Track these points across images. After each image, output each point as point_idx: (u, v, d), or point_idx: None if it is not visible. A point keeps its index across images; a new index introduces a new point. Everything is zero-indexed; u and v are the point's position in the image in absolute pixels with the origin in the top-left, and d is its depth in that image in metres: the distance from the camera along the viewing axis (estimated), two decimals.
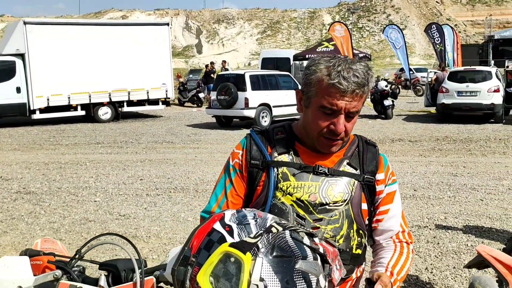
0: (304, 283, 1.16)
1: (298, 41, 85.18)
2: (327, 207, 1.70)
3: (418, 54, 76.16)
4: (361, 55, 28.96)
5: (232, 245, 1.17)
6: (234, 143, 13.42)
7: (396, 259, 1.80)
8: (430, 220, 6.51)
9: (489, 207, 7.05)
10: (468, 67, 20.04)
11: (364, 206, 1.78)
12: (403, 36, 21.18)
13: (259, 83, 16.51)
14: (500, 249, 5.36)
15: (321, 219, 1.68)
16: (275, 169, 1.72)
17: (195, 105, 24.59)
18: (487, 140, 13.04)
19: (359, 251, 1.78)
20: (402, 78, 31.94)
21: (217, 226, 1.24)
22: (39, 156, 11.67)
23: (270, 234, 1.19)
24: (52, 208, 7.32)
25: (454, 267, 4.99)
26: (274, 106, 16.61)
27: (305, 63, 28.85)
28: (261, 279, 1.13)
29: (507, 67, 18.63)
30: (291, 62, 27.25)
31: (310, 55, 27.15)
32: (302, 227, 1.42)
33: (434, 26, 23.93)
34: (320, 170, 1.72)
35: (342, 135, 1.68)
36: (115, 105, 18.51)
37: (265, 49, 62.95)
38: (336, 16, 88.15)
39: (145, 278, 1.34)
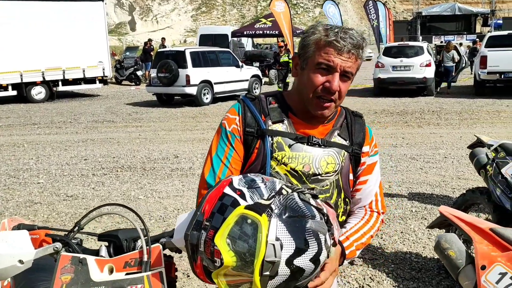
0: (315, 241, 1.22)
1: (234, 18, 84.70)
2: (319, 177, 1.76)
3: None
4: (298, 31, 29.25)
5: (247, 207, 1.20)
6: (177, 121, 13.30)
7: (359, 226, 1.86)
8: None
9: (428, 175, 7.43)
10: (402, 42, 20.72)
11: (351, 176, 1.86)
12: (340, 12, 21.54)
13: (200, 60, 16.34)
14: None
15: (313, 189, 1.74)
16: (270, 138, 1.74)
17: (133, 83, 24.03)
18: (422, 112, 13.64)
19: (343, 218, 1.87)
20: None
21: (228, 190, 1.27)
22: None
23: (281, 196, 1.24)
24: None
25: (401, 232, 5.25)
26: (215, 83, 16.52)
27: (243, 39, 28.82)
28: (277, 239, 1.18)
29: (442, 42, 19.52)
30: (230, 38, 27.13)
31: (248, 32, 27.18)
32: (307, 189, 1.48)
33: (371, 2, 24.52)
34: (314, 141, 1.76)
35: (335, 96, 1.71)
36: (49, 84, 17.72)
37: (200, 26, 62.11)
38: None
39: (152, 246, 1.36)
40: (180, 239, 1.33)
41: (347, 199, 1.85)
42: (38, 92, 17.56)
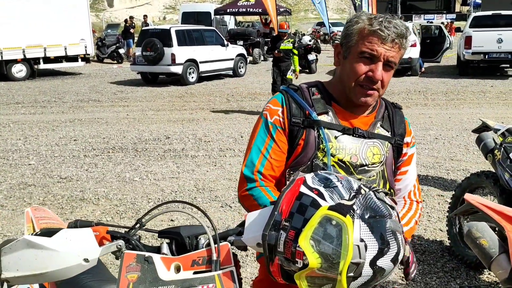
0: (395, 241, 1.21)
1: None
2: (366, 168, 1.78)
3: (332, 9, 77.38)
4: (281, 9, 29.01)
5: (331, 208, 1.18)
6: (164, 100, 13.15)
7: (403, 213, 1.90)
8: None
9: (421, 156, 7.50)
10: None
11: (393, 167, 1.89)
12: None
13: (185, 38, 16.12)
14: (439, 195, 5.77)
15: (360, 180, 1.75)
16: (316, 130, 1.74)
17: (115, 62, 23.63)
18: (408, 92, 13.73)
19: None
20: (321, 33, 32.46)
21: (304, 189, 1.25)
22: None
23: (361, 195, 1.23)
24: None
25: None
26: (201, 62, 16.33)
27: (226, 17, 28.47)
28: (361, 240, 1.17)
29: (430, 22, 19.61)
30: (212, 16, 26.78)
31: (231, 9, 26.86)
32: (378, 186, 1.47)
33: None
34: (360, 133, 1.78)
35: (378, 85, 1.71)
36: (30, 62, 17.29)
37: (179, 3, 61.06)
38: None
39: (220, 244, 1.33)
40: (252, 238, 1.31)
41: (391, 190, 1.88)
42: (19, 70, 17.12)
